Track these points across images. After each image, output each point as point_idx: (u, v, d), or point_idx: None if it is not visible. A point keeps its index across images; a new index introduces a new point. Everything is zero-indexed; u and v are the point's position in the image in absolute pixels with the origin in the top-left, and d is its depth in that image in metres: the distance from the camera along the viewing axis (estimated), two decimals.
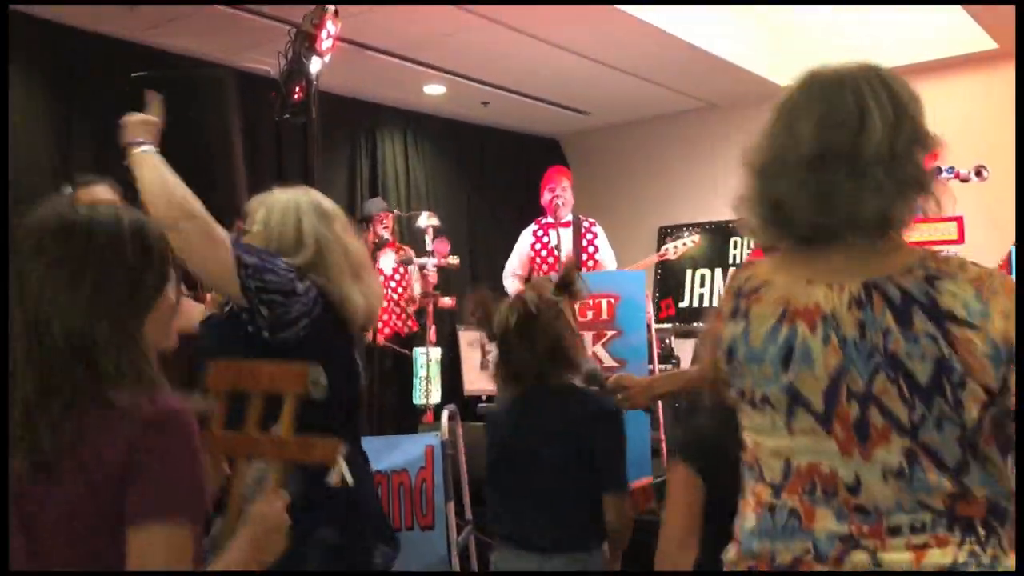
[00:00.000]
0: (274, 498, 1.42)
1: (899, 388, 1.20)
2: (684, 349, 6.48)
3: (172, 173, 1.91)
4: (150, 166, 1.92)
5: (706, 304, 7.38)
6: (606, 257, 5.38)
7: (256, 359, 1.61)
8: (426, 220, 5.38)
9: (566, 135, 8.20)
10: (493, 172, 7.75)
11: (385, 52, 5.66)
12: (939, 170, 4.04)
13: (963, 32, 5.74)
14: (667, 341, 6.29)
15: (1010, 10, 5.24)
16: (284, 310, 1.87)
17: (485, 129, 7.66)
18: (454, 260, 5.35)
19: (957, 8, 5.29)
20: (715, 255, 7.39)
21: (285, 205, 2.11)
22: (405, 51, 5.71)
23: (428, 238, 5.34)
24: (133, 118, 2.03)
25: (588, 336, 4.13)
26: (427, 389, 5.09)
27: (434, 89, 6.57)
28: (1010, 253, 4.03)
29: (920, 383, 1.19)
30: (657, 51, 5.80)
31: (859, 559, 1.20)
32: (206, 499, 1.26)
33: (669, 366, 6.02)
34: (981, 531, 1.19)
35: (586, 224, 5.41)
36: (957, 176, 4.09)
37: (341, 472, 1.45)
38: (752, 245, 5.99)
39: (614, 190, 7.71)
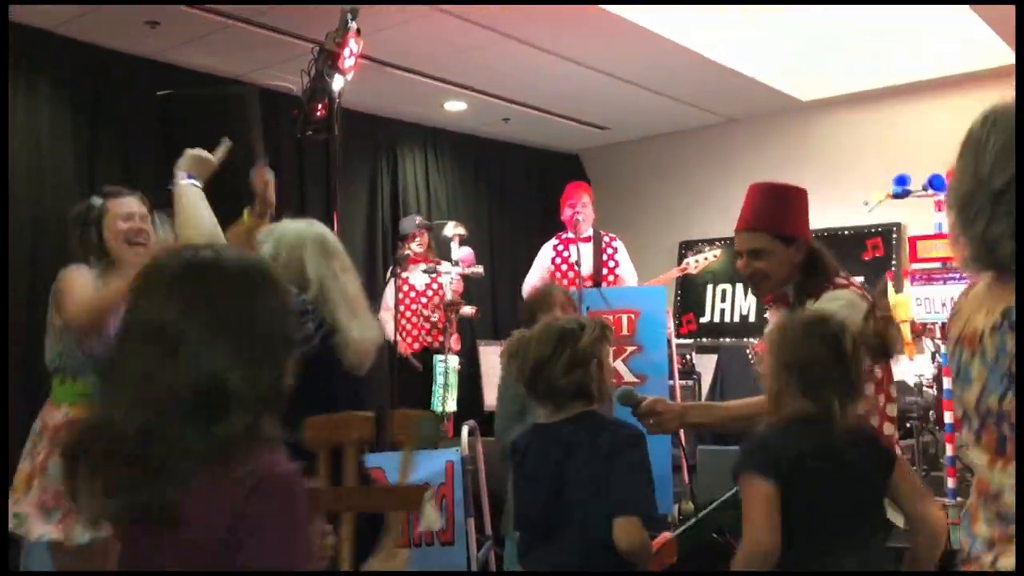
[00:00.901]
0: (389, 557, 1.36)
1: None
2: (705, 365, 6.46)
3: (208, 209, 2.01)
4: (190, 198, 2.03)
5: (727, 320, 7.35)
6: (626, 272, 5.37)
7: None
8: (452, 229, 5.44)
9: (586, 150, 8.22)
10: (514, 187, 7.77)
11: (406, 69, 5.71)
12: None
13: (985, 46, 5.71)
14: (688, 357, 6.27)
15: None
16: (302, 328, 1.92)
17: (505, 145, 7.69)
18: (479, 269, 5.38)
19: (979, 22, 5.25)
20: (736, 270, 7.34)
21: (292, 242, 2.20)
22: (425, 68, 5.76)
23: (455, 246, 5.39)
24: (192, 152, 2.15)
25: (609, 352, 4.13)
26: (444, 396, 5.12)
27: (454, 105, 6.61)
28: None
29: None
30: (676, 66, 5.81)
31: (986, 560, 1.34)
32: (309, 567, 1.20)
33: (690, 382, 6.00)
34: None
35: (606, 239, 5.41)
36: None
37: (429, 517, 1.40)
38: None
39: (634, 205, 7.71)
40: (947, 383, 3.96)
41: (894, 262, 6.52)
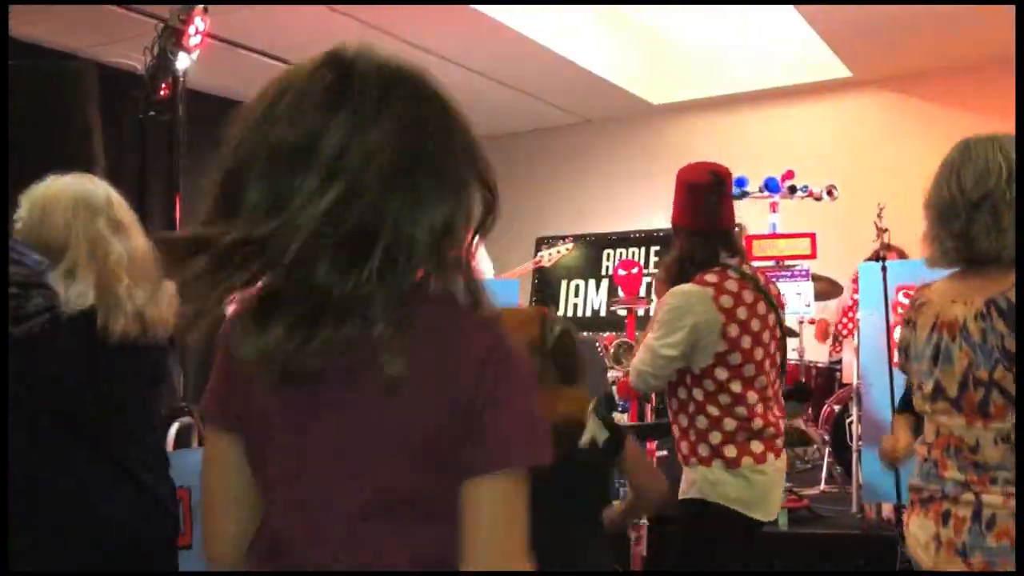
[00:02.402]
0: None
1: (1014, 374, 1.64)
2: None
3: None
4: None
5: (580, 314, 7.52)
6: (482, 265, 5.41)
7: None
8: None
9: None
10: None
11: (260, 52, 5.54)
12: (794, 188, 4.28)
13: (820, 60, 6.09)
14: None
15: (865, 40, 5.60)
16: (18, 303, 1.75)
17: None
18: None
19: (816, 38, 5.60)
20: (589, 266, 7.54)
21: (47, 199, 1.90)
22: (280, 52, 5.60)
23: None
24: None
25: None
26: None
27: None
28: (857, 271, 4.28)
29: None
30: (536, 65, 5.90)
31: (967, 498, 1.69)
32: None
33: None
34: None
35: None
36: (811, 195, 4.33)
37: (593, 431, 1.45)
38: (622, 257, 6.16)
39: None
40: None
41: None
